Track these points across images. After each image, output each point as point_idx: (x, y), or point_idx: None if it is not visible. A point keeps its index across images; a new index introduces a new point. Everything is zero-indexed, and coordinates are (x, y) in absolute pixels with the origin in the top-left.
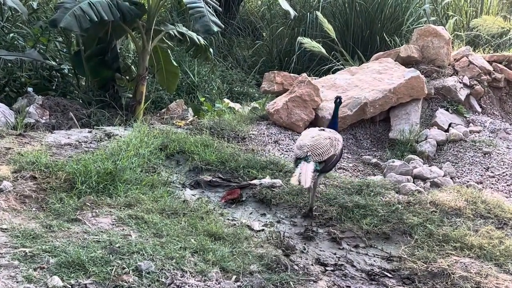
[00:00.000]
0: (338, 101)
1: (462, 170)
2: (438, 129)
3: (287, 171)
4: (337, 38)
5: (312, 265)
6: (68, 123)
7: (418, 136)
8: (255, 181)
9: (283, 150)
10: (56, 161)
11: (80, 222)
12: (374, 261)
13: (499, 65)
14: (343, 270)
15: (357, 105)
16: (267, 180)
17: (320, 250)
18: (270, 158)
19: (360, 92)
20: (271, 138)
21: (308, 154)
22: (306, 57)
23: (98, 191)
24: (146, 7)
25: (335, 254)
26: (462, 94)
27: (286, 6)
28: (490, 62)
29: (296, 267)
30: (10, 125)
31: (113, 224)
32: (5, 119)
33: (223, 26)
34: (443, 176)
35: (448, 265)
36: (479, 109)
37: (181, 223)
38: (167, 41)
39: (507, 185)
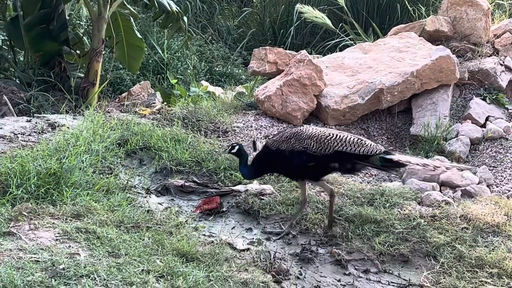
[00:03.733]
0: (236, 150)
1: (501, 176)
2: (473, 123)
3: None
4: (347, 6)
5: None
6: (1, 109)
7: (447, 132)
8: (239, 187)
9: None
10: None
11: (14, 237)
12: None
13: None
14: None
15: (370, 91)
16: (254, 186)
17: (321, 276)
18: None
19: (374, 75)
20: (261, 133)
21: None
22: (307, 30)
23: (38, 197)
24: None
25: (339, 281)
26: (504, 79)
27: None
28: None
29: None
30: None
31: (56, 240)
32: None
33: None
34: (478, 184)
35: None
36: None
37: (143, 240)
38: (129, 6)
39: None
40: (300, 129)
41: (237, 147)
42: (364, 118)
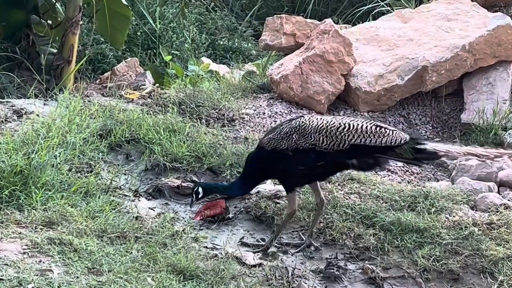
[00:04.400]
0: (203, 191)
1: None
2: None
3: None
4: None
5: None
6: None
7: (506, 119)
8: None
9: None
10: None
11: None
12: None
13: None
14: None
15: (411, 70)
16: (267, 187)
17: None
18: None
19: (416, 49)
20: (276, 121)
21: None
22: None
23: (1, 201)
24: None
25: None
26: None
27: None
28: None
29: None
30: None
31: (24, 253)
32: None
33: None
34: None
35: None
36: None
37: (131, 253)
38: None
39: None
40: (303, 121)
41: (199, 189)
42: (404, 102)
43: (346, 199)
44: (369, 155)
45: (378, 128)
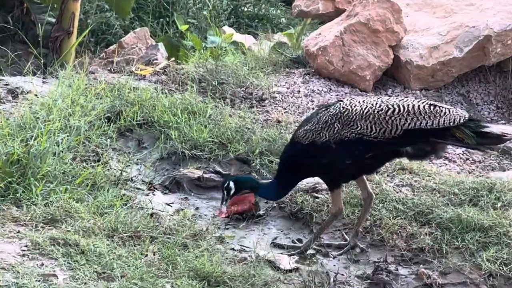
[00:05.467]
0: (236, 187)
1: None
2: None
3: None
4: None
5: None
6: None
7: None
8: None
9: None
10: None
11: None
12: None
13: None
14: None
15: (472, 40)
16: (304, 179)
17: None
18: None
19: (477, 16)
20: (312, 101)
21: None
22: None
23: None
24: None
25: None
26: None
27: None
28: None
29: None
30: None
31: (23, 255)
32: None
33: None
34: None
35: None
36: None
37: (146, 255)
38: None
39: None
40: (344, 107)
41: (231, 183)
42: (463, 78)
43: (397, 192)
44: (425, 140)
45: (432, 107)
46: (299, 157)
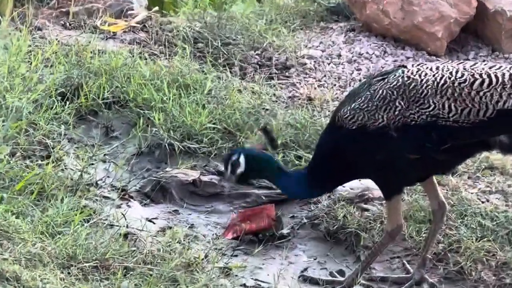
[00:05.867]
0: (248, 161)
1: None
2: None
3: None
4: None
5: None
6: None
7: None
8: None
9: None
10: None
11: None
12: None
13: None
14: None
15: None
16: (347, 183)
17: None
18: None
19: None
20: (359, 68)
21: None
22: None
23: None
24: None
25: None
26: None
27: None
28: None
29: None
30: None
31: None
32: None
33: None
34: None
35: None
36: None
37: None
38: None
39: None
40: (409, 77)
41: (240, 157)
42: None
43: (482, 202)
44: None
45: None
46: (341, 149)
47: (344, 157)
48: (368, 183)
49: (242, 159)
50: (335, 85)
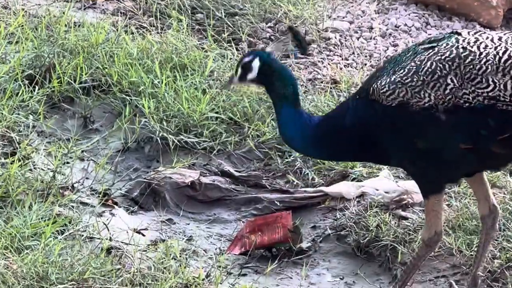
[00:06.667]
0: (261, 64)
1: None
2: None
3: None
4: None
5: None
6: None
7: None
8: (341, 188)
9: None
10: None
11: None
12: None
13: None
14: None
15: None
16: (382, 185)
17: None
18: None
19: None
20: (396, 44)
21: None
22: None
23: None
24: None
25: None
26: None
27: None
28: None
29: None
30: None
31: None
32: None
33: None
34: None
35: None
36: None
37: None
38: None
39: None
40: (465, 47)
41: (255, 61)
42: None
43: None
44: None
45: None
46: (371, 126)
47: (371, 135)
48: (407, 185)
49: (256, 64)
50: (365, 64)
